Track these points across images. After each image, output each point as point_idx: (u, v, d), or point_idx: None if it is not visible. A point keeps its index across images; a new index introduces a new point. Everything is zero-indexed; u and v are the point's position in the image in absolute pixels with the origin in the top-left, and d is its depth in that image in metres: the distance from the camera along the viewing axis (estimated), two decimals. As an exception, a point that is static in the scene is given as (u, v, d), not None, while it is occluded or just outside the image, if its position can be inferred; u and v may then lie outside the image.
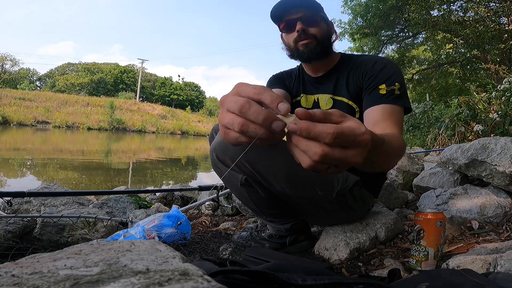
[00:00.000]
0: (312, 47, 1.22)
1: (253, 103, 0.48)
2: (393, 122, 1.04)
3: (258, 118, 0.47)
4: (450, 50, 14.01)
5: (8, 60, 41.60)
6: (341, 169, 0.51)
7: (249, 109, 0.48)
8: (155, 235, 1.30)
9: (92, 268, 0.36)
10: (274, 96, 0.49)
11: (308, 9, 1.21)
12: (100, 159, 8.85)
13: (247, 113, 0.48)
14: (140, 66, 46.50)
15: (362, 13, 13.04)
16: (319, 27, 1.22)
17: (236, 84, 0.53)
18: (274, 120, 0.48)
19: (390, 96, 1.10)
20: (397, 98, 1.10)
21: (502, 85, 3.58)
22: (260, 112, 0.47)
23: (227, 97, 0.51)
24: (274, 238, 1.31)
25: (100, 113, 29.86)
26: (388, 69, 1.17)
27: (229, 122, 0.50)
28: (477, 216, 1.46)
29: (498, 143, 1.55)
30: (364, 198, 1.26)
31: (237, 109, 0.48)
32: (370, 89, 1.16)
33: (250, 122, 0.48)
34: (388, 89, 1.11)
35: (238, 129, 0.48)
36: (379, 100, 1.11)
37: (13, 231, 1.38)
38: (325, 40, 1.25)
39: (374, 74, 1.17)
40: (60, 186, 2.52)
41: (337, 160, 0.48)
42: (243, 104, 0.48)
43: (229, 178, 1.16)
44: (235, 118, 0.49)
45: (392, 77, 1.13)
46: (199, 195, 2.31)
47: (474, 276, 0.65)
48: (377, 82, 1.15)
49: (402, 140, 0.91)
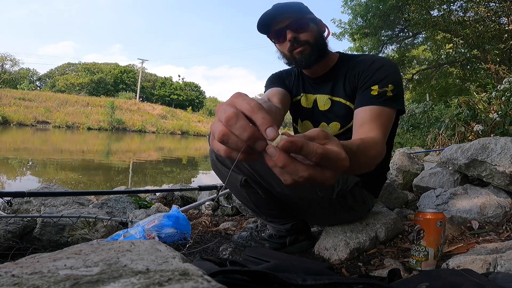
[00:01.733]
0: (307, 54, 1.19)
1: (241, 118, 0.47)
2: (378, 125, 1.01)
3: (243, 134, 0.47)
4: (450, 50, 14.00)
5: (8, 60, 41.61)
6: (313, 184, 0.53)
7: (235, 122, 0.47)
8: (155, 235, 1.30)
9: (92, 268, 0.36)
10: (266, 119, 0.48)
11: (294, 14, 1.17)
12: (100, 159, 8.85)
13: (232, 126, 0.47)
14: (140, 66, 46.52)
15: (362, 13, 13.04)
16: (309, 31, 1.19)
17: (234, 93, 0.52)
18: (258, 139, 0.47)
19: (381, 97, 1.08)
20: (388, 100, 1.08)
21: (502, 85, 3.58)
22: (245, 128, 0.47)
23: (222, 106, 0.50)
24: (274, 238, 1.31)
25: (100, 113, 29.86)
26: (384, 69, 1.14)
27: (214, 130, 0.50)
28: (477, 216, 1.46)
29: (498, 143, 1.55)
30: (364, 198, 1.25)
31: (224, 120, 0.48)
32: (363, 89, 1.14)
33: (232, 136, 0.47)
34: (380, 91, 1.09)
35: (219, 138, 0.48)
36: (369, 101, 1.09)
37: (13, 231, 1.38)
38: (319, 43, 1.22)
39: (369, 74, 1.15)
40: (60, 186, 2.51)
41: (316, 180, 0.50)
42: (232, 117, 0.47)
43: (229, 178, 1.16)
44: (221, 127, 0.48)
45: (386, 79, 1.11)
46: (199, 195, 2.31)
47: (474, 276, 0.65)
48: (370, 82, 1.13)
49: (380, 146, 0.90)
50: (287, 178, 0.50)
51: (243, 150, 0.48)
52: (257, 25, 1.22)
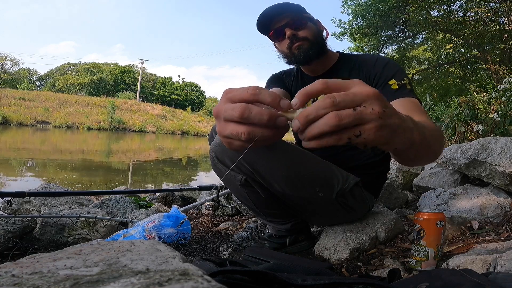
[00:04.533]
0: (306, 48, 1.21)
1: (252, 106, 0.47)
2: (420, 113, 0.96)
3: (263, 119, 0.46)
4: (450, 50, 14.00)
5: (8, 60, 41.62)
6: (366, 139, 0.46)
7: (250, 113, 0.46)
8: (155, 235, 1.30)
9: (92, 268, 0.36)
10: (273, 95, 0.48)
11: (292, 13, 1.21)
12: (100, 159, 8.85)
13: (250, 117, 0.46)
14: (140, 66, 46.51)
15: (362, 13, 13.05)
16: (307, 28, 1.22)
17: (224, 91, 0.51)
18: (277, 117, 0.47)
19: (404, 90, 1.07)
20: (410, 91, 1.07)
21: (502, 85, 3.57)
22: (262, 113, 0.46)
23: (221, 106, 0.49)
24: (274, 238, 1.31)
25: (100, 113, 29.85)
26: (391, 65, 1.17)
27: (232, 133, 0.48)
28: (477, 216, 1.45)
29: (498, 143, 1.54)
30: (364, 198, 1.25)
31: (238, 116, 0.46)
32: (381, 86, 1.13)
33: (256, 127, 0.46)
34: (399, 84, 1.08)
35: (245, 138, 0.47)
36: (394, 95, 1.06)
37: (13, 231, 1.38)
38: (318, 39, 1.24)
39: (379, 72, 1.16)
40: (60, 186, 2.52)
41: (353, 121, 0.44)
42: (243, 110, 0.46)
43: (229, 178, 1.16)
44: (238, 127, 0.47)
45: (398, 72, 1.13)
46: (199, 195, 2.31)
47: (474, 276, 0.65)
48: (384, 78, 1.13)
49: (437, 126, 0.85)
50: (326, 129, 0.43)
51: (264, 136, 0.47)
52: (257, 25, 1.25)
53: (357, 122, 0.44)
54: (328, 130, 0.44)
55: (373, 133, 0.45)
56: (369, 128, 0.45)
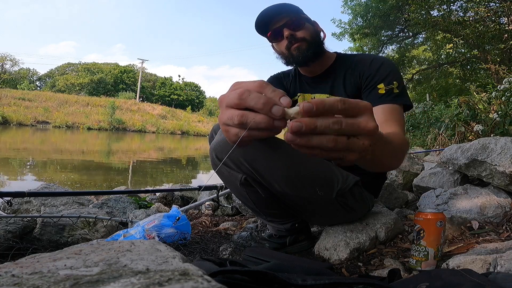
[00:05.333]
0: (304, 49, 1.22)
1: (253, 91, 0.48)
2: (395, 122, 1.04)
3: (259, 102, 0.47)
4: (450, 50, 14.02)
5: (8, 60, 41.63)
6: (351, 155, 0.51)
7: (248, 95, 0.47)
8: (155, 235, 1.30)
9: (92, 268, 0.36)
10: (276, 90, 0.49)
11: (290, 14, 1.21)
12: (100, 159, 8.85)
13: (247, 99, 0.47)
14: (140, 66, 46.52)
15: (362, 13, 13.06)
16: (305, 29, 1.23)
17: (233, 83, 0.53)
18: (274, 104, 0.47)
19: (390, 95, 1.11)
20: (396, 96, 1.11)
21: (502, 85, 3.58)
22: (259, 97, 0.47)
23: (226, 95, 0.51)
24: (274, 238, 1.31)
25: (100, 113, 29.86)
26: (385, 67, 1.17)
27: (228, 118, 0.49)
28: (477, 216, 1.45)
29: (498, 143, 1.55)
30: (364, 198, 1.25)
31: (236, 98, 0.48)
32: (369, 89, 1.16)
33: (249, 112, 0.47)
34: (386, 88, 1.11)
35: (238, 120, 0.48)
36: (378, 100, 1.11)
37: (13, 231, 1.38)
38: (315, 40, 1.25)
39: (372, 74, 1.17)
40: (60, 186, 2.52)
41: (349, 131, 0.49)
42: (242, 92, 0.48)
43: (229, 177, 1.15)
44: (234, 111, 0.48)
45: (389, 76, 1.14)
46: (199, 195, 2.31)
47: (474, 276, 0.65)
48: (375, 81, 1.15)
49: (405, 138, 0.92)
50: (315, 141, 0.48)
51: (260, 124, 0.47)
52: (255, 26, 1.26)
53: (347, 149, 0.50)
54: (322, 147, 0.49)
55: (352, 159, 0.52)
56: (352, 155, 0.51)
